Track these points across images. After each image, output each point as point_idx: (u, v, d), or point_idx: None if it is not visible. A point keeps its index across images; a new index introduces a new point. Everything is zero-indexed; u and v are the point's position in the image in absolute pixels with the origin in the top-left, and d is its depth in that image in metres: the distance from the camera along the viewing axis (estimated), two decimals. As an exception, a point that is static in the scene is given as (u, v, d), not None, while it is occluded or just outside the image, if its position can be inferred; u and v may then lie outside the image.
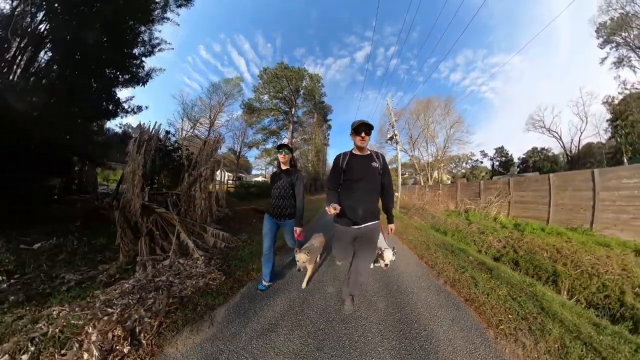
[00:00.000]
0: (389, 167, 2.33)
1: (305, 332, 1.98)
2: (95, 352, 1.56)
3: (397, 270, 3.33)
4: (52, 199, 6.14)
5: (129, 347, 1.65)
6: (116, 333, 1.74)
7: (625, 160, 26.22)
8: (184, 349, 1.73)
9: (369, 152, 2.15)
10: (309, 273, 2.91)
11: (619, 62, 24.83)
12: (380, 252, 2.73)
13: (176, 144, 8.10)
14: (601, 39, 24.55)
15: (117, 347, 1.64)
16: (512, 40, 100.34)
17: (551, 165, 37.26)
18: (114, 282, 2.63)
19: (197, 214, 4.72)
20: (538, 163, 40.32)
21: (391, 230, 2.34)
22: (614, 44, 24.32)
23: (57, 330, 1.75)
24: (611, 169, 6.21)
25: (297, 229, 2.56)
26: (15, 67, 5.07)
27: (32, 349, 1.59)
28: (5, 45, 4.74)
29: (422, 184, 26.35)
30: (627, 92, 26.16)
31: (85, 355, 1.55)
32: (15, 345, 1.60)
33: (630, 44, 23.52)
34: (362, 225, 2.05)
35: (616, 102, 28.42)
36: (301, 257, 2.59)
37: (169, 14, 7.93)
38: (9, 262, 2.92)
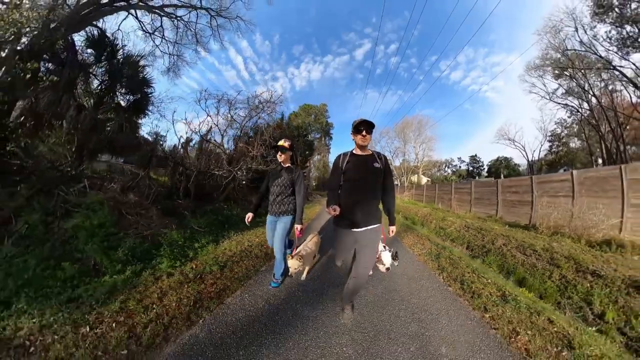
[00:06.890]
0: None
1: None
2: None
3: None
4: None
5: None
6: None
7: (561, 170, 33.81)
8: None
9: (370, 152, 2.12)
10: (305, 271, 3.08)
11: (569, 92, 29.05)
12: (378, 256, 2.71)
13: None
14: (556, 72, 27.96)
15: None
16: (513, 40, 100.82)
17: (509, 173, 46.23)
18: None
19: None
20: (500, 170, 49.23)
21: (392, 232, 2.30)
22: (566, 77, 27.84)
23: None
24: (462, 182, 14.76)
25: (298, 226, 2.60)
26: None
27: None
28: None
29: (400, 185, 34.99)
30: (575, 117, 31.52)
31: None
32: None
33: (579, 78, 26.53)
34: (362, 229, 2.01)
35: (567, 123, 33.49)
36: (293, 263, 2.57)
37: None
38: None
